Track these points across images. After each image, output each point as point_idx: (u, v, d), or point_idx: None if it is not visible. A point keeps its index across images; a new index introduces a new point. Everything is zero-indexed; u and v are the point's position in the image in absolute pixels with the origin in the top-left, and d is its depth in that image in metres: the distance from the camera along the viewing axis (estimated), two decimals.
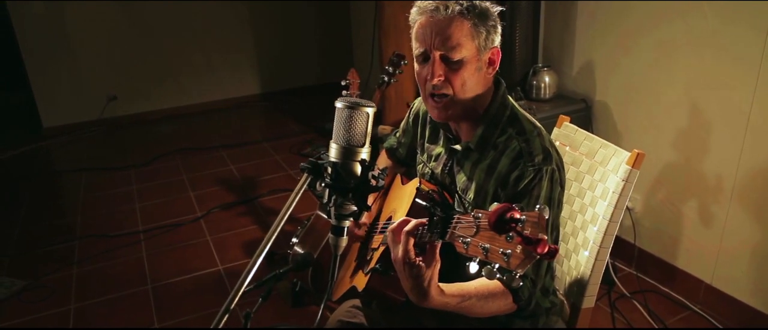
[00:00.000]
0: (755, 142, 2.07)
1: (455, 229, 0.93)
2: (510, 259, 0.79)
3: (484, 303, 1.15)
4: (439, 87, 1.26)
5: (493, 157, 1.28)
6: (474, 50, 1.24)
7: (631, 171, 1.44)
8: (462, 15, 1.22)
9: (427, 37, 1.24)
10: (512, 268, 0.79)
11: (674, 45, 2.27)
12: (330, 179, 0.97)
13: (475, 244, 0.87)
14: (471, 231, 0.89)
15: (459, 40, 1.22)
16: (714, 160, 2.22)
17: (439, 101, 1.28)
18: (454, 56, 1.23)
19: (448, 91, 1.26)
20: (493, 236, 0.84)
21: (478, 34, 1.24)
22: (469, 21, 1.22)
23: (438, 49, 1.23)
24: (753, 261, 2.18)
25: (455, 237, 0.92)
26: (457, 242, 0.91)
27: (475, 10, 1.23)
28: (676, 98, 2.31)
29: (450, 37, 1.22)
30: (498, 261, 0.81)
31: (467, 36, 1.23)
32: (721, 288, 2.29)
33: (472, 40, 1.23)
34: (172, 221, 3.26)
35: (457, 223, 0.94)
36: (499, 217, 0.79)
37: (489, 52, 1.27)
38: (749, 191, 2.13)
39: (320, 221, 2.43)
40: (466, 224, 0.91)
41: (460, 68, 1.24)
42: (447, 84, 1.26)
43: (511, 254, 0.79)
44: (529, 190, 1.21)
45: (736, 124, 2.12)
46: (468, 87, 1.26)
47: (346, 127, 0.98)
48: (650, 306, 2.37)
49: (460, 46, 1.22)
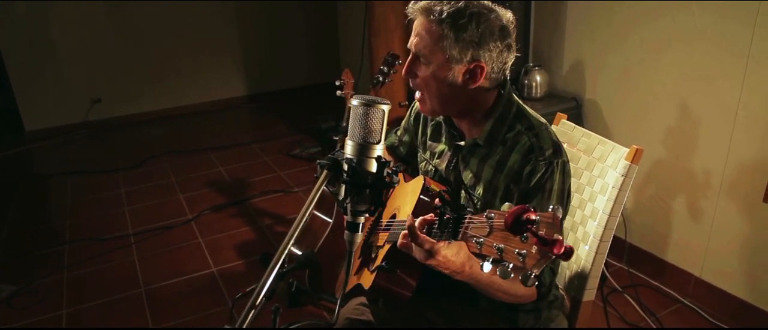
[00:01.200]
0: (742, 138, 2.13)
1: (468, 229, 0.95)
2: (526, 259, 0.81)
3: (509, 284, 1.18)
4: (414, 85, 1.33)
5: (503, 153, 1.31)
6: (442, 59, 1.23)
7: (630, 166, 1.48)
8: (440, 19, 1.21)
9: (412, 33, 1.29)
10: (528, 267, 0.81)
11: (662, 43, 2.32)
12: (347, 176, 0.98)
13: (489, 244, 0.88)
14: (484, 231, 0.91)
15: (428, 45, 1.23)
16: (702, 156, 2.28)
17: (418, 96, 1.35)
18: (422, 57, 1.27)
19: (424, 91, 1.32)
20: (507, 236, 0.86)
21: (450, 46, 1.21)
22: (441, 28, 1.21)
23: (413, 45, 1.29)
24: (741, 254, 2.23)
25: (468, 237, 0.94)
26: (470, 242, 0.93)
27: (455, 23, 1.20)
28: (665, 96, 2.36)
29: (423, 38, 1.25)
30: (513, 261, 0.83)
31: (435, 43, 1.22)
32: (711, 281, 2.35)
33: (440, 50, 1.22)
34: (163, 224, 3.24)
35: (469, 223, 0.96)
36: (515, 218, 0.81)
37: (468, 65, 1.24)
38: (737, 186, 2.19)
39: (316, 221, 2.43)
40: (478, 224, 0.93)
41: (425, 69, 1.27)
42: (419, 83, 1.31)
43: (526, 254, 0.81)
44: (542, 184, 1.23)
45: (723, 120, 2.17)
46: (441, 92, 1.28)
47: (362, 124, 1.00)
48: (642, 300, 2.42)
49: (428, 52, 1.24)
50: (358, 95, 1.03)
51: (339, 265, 2.34)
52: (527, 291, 1.24)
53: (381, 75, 2.43)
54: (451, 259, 1.08)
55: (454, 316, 1.43)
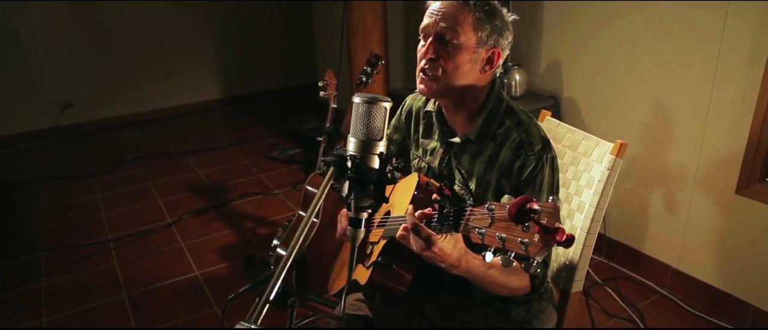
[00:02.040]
0: (714, 132, 2.21)
1: (469, 221, 0.98)
2: (528, 247, 0.84)
3: (505, 277, 1.22)
4: (429, 66, 1.32)
5: (494, 149, 1.34)
6: (473, 41, 1.29)
7: (616, 160, 1.52)
8: (469, 7, 1.28)
9: (434, 15, 1.31)
10: (531, 255, 0.84)
11: (634, 41, 2.40)
12: (351, 172, 0.99)
13: (492, 234, 0.91)
14: (486, 222, 0.94)
15: (460, 25, 1.27)
16: (677, 151, 2.36)
17: (426, 78, 1.34)
18: (452, 38, 1.28)
19: (437, 72, 1.32)
20: (509, 226, 0.89)
21: (482, 28, 1.28)
22: (474, 13, 1.28)
23: (437, 28, 1.29)
24: (715, 245, 2.32)
25: (470, 228, 0.97)
26: (473, 233, 0.96)
27: (485, 8, 1.29)
28: (640, 93, 2.44)
29: (452, 19, 1.28)
30: (516, 249, 0.86)
31: (469, 25, 1.28)
32: (687, 271, 2.43)
33: (473, 30, 1.28)
34: (143, 228, 3.19)
35: (470, 215, 0.99)
36: (519, 208, 0.84)
37: (489, 50, 1.31)
38: (710, 179, 2.27)
39: (302, 221, 2.43)
40: (479, 216, 0.96)
41: (453, 52, 1.29)
42: (438, 66, 1.31)
43: (529, 243, 0.84)
44: (532, 178, 1.27)
45: (696, 116, 2.26)
46: (459, 74, 1.31)
47: (365, 122, 1.01)
48: (622, 291, 2.49)
49: (460, 32, 1.27)
50: (360, 93, 1.04)
51: (326, 265, 2.35)
52: (522, 283, 1.27)
53: (364, 75, 2.44)
54: (447, 252, 1.11)
55: (450, 309, 1.45)
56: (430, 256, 1.11)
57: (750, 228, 2.19)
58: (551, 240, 0.81)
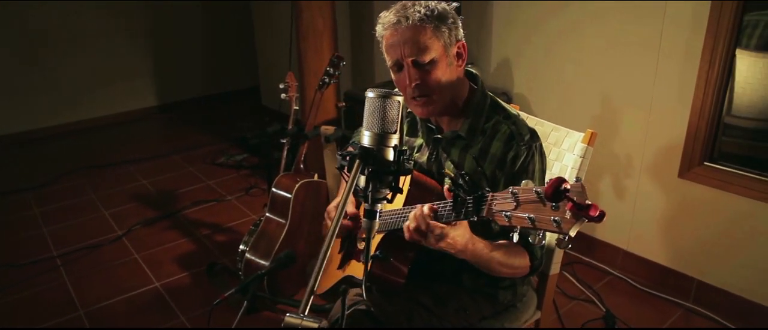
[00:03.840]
0: (657, 122, 2.40)
1: (492, 206, 1.04)
2: (561, 224, 0.91)
3: (508, 258, 1.30)
4: (417, 90, 1.37)
5: (484, 142, 1.41)
6: (441, 49, 1.35)
7: (587, 148, 1.63)
8: (422, 21, 1.33)
9: (397, 47, 1.35)
10: (564, 231, 0.91)
11: (579, 37, 2.55)
12: (372, 165, 1.02)
13: (519, 215, 0.98)
14: (511, 206, 1.00)
15: (426, 44, 1.33)
16: (624, 141, 2.53)
17: (420, 100, 1.38)
18: (425, 59, 1.34)
19: (426, 91, 1.37)
20: (537, 207, 0.95)
21: (441, 34, 1.35)
22: (430, 25, 1.33)
23: (408, 56, 1.34)
24: (661, 225, 2.51)
25: (494, 212, 1.03)
26: (498, 216, 1.01)
27: (433, 14, 1.34)
28: (587, 88, 2.60)
29: (417, 42, 1.33)
30: (548, 227, 0.93)
31: (432, 38, 1.34)
32: (636, 252, 2.61)
33: (437, 40, 1.34)
34: (91, 242, 3.04)
35: (492, 200, 1.04)
36: (555, 189, 0.90)
37: (455, 46, 1.39)
38: (655, 165, 2.46)
39: (270, 225, 2.42)
40: (503, 200, 1.02)
41: (432, 69, 1.35)
42: (424, 86, 1.37)
43: (561, 220, 0.91)
44: (526, 166, 1.35)
45: (640, 107, 2.43)
46: (443, 83, 1.37)
47: (380, 116, 1.04)
48: (578, 275, 2.64)
49: (428, 49, 1.33)
50: (372, 88, 1.07)
51: (300, 267, 2.34)
52: (523, 263, 1.35)
53: (327, 76, 2.46)
54: (458, 240, 1.16)
55: (442, 296, 1.51)
56: (444, 246, 1.16)
57: (692, 208, 2.38)
58: (585, 215, 0.87)
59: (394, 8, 1.37)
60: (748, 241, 2.25)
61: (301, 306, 0.88)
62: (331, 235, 0.95)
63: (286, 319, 0.86)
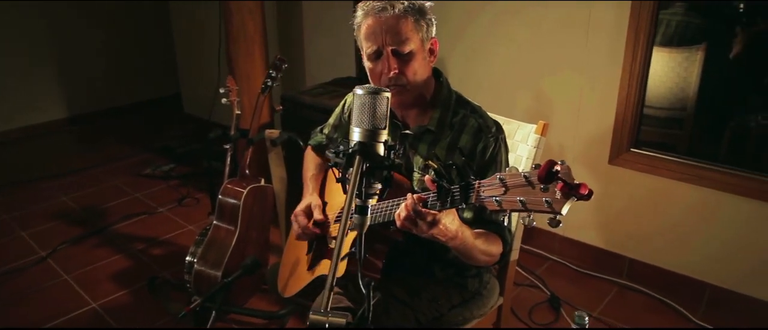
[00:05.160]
0: (586, 115, 2.57)
1: (481, 193, 1.08)
2: (553, 203, 0.96)
3: (487, 245, 1.35)
4: (394, 79, 1.40)
5: (452, 136, 1.46)
6: (419, 42, 1.41)
7: (541, 139, 1.73)
8: (406, 13, 1.38)
9: (378, 35, 1.39)
10: (556, 210, 0.96)
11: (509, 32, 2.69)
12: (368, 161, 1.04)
13: (509, 199, 1.03)
14: (499, 191, 1.05)
15: (407, 35, 1.38)
16: (557, 132, 2.68)
17: (395, 89, 1.42)
18: (405, 49, 1.39)
19: (403, 81, 1.41)
20: (527, 190, 1.01)
21: (420, 27, 1.41)
22: (412, 17, 1.39)
23: (390, 45, 1.38)
24: (594, 210, 2.69)
25: (483, 199, 1.07)
26: (488, 202, 1.06)
27: (415, 8, 1.40)
28: (523, 86, 2.73)
29: (399, 32, 1.38)
30: (540, 208, 0.98)
31: (413, 30, 1.39)
32: (572, 237, 2.78)
33: (417, 33, 1.40)
34: (13, 266, 2.81)
35: (479, 187, 1.09)
36: (547, 171, 0.95)
37: (430, 42, 1.45)
38: (586, 154, 2.63)
39: (219, 233, 2.35)
40: (490, 186, 1.07)
41: (410, 59, 1.40)
42: (401, 75, 1.40)
43: (552, 200, 0.97)
44: (494, 156, 1.42)
45: (570, 100, 2.60)
46: (418, 76, 1.43)
47: (370, 112, 1.06)
48: (521, 262, 2.77)
49: (409, 40, 1.38)
50: (360, 86, 1.09)
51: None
52: (498, 250, 1.40)
53: (269, 79, 2.42)
54: (450, 227, 1.20)
55: (416, 288, 1.54)
56: (436, 233, 1.18)
57: (621, 191, 2.58)
58: (575, 193, 0.93)
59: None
60: (673, 218, 2.46)
61: (322, 305, 0.88)
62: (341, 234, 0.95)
63: (311, 317, 0.86)
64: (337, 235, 0.97)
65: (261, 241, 2.47)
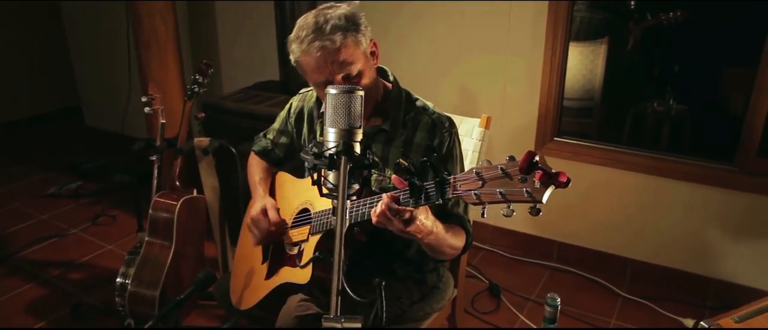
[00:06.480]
0: (510, 109, 2.69)
1: (457, 188, 1.09)
2: (533, 193, 1.00)
3: (455, 239, 1.39)
4: None
5: (407, 134, 1.47)
6: (363, 57, 1.38)
7: (485, 132, 1.79)
8: (344, 36, 1.33)
9: (324, 68, 1.34)
10: (537, 199, 0.99)
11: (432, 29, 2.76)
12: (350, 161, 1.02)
13: (488, 192, 1.05)
14: (476, 184, 1.07)
15: (352, 59, 1.34)
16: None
17: None
18: (354, 71, 1.35)
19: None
20: (505, 182, 1.03)
21: (360, 42, 1.37)
22: (350, 37, 1.34)
23: (338, 73, 1.34)
24: None
25: (460, 193, 1.09)
26: (467, 196, 1.07)
27: (349, 23, 1.35)
28: (446, 80, 2.81)
29: (344, 61, 1.33)
30: (520, 198, 1.01)
31: (355, 50, 1.35)
32: (503, 225, 2.90)
33: (358, 48, 1.36)
34: None
35: (455, 181, 1.10)
36: (528, 162, 0.98)
37: (370, 46, 1.42)
38: (512, 145, 2.75)
39: (153, 249, 2.22)
40: (467, 180, 1.08)
41: (361, 76, 1.38)
42: None
43: (532, 190, 1.00)
44: (450, 151, 1.46)
45: (496, 101, 2.71)
46: (370, 86, 1.41)
47: (345, 111, 1.04)
48: None
49: (355, 62, 1.35)
50: (333, 85, 1.07)
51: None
52: (462, 242, 1.43)
53: (196, 85, 2.32)
54: (425, 222, 1.21)
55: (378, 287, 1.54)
56: (413, 230, 1.19)
57: None
58: (554, 182, 0.97)
59: (304, 28, 1.33)
60: (596, 200, 2.63)
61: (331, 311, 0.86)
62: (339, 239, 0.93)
63: (324, 324, 0.84)
64: (337, 235, 0.95)
65: (197, 255, 2.37)
